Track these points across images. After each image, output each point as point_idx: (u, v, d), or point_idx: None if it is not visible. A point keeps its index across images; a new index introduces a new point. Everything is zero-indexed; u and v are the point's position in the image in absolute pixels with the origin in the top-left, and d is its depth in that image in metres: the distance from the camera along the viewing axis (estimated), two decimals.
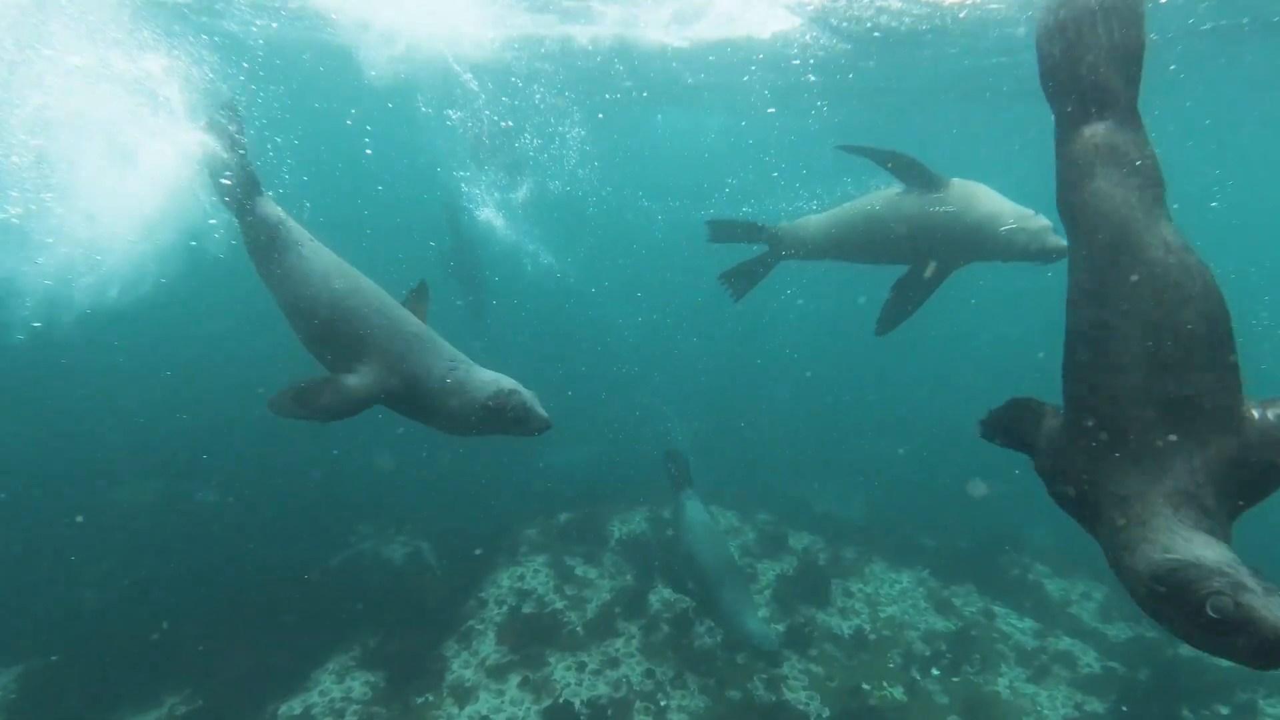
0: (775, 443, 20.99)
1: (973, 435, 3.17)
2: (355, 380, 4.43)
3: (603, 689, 8.92)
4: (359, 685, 8.94)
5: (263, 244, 5.02)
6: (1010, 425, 2.93)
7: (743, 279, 7.25)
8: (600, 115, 19.89)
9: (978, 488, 12.22)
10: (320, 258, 5.00)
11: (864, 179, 7.13)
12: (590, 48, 14.48)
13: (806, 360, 29.82)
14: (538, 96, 16.68)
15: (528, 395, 4.45)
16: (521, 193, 19.78)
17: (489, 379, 4.55)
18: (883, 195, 6.33)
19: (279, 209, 5.27)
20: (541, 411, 4.40)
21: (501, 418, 4.41)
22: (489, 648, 9.52)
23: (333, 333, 4.69)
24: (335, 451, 15.25)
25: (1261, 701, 9.33)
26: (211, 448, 15.85)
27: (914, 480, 19.44)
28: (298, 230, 5.14)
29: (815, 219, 6.94)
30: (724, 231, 7.16)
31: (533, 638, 9.68)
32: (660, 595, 10.95)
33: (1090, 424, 2.42)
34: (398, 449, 17.94)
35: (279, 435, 17.69)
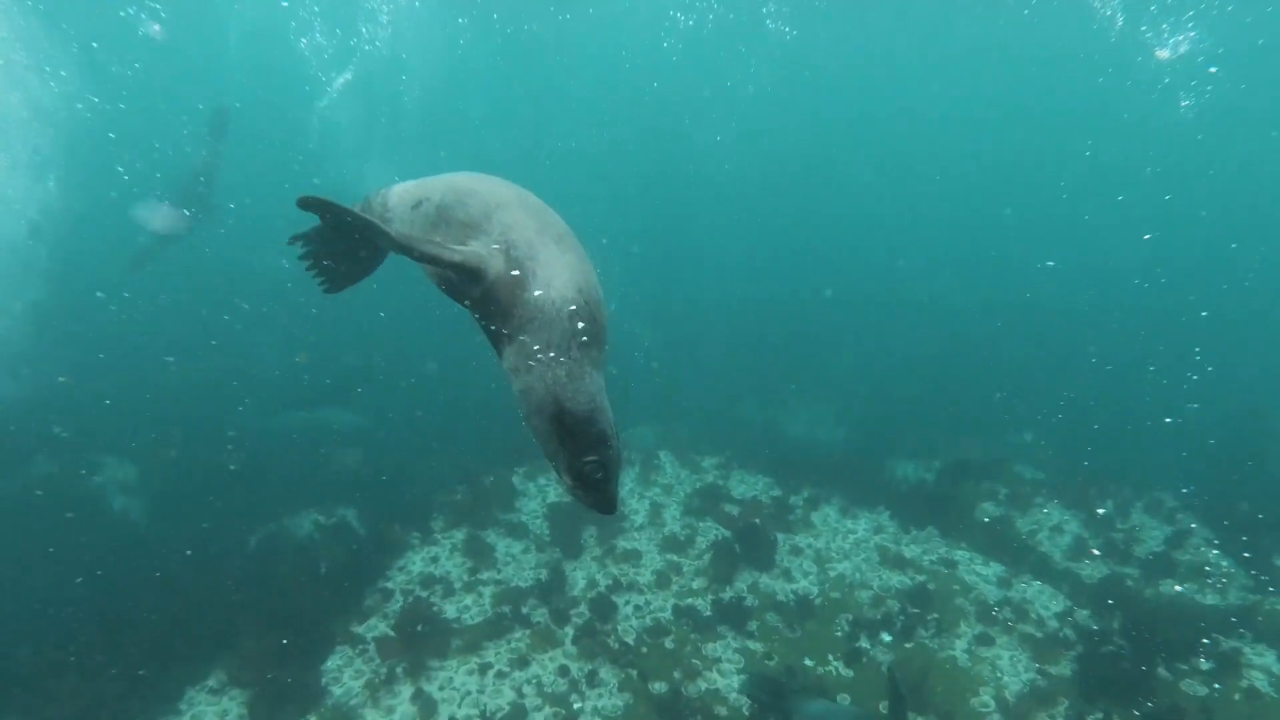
0: (741, 364, 19.75)
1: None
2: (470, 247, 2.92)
3: (507, 695, 7.90)
4: (235, 706, 7.91)
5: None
6: None
7: None
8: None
9: None
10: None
11: None
12: None
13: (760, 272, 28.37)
14: None
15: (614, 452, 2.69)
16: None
17: (594, 389, 2.75)
18: None
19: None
20: (614, 486, 2.68)
21: (570, 442, 2.67)
22: (385, 652, 8.45)
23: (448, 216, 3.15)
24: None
25: (1247, 649, 8.38)
26: (125, 415, 14.59)
27: (899, 393, 18.49)
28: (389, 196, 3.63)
29: None
30: None
31: (434, 637, 8.62)
32: (585, 573, 9.88)
33: None
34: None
35: (207, 400, 16.43)
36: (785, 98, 32.57)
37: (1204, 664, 8.10)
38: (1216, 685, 7.88)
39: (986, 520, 11.34)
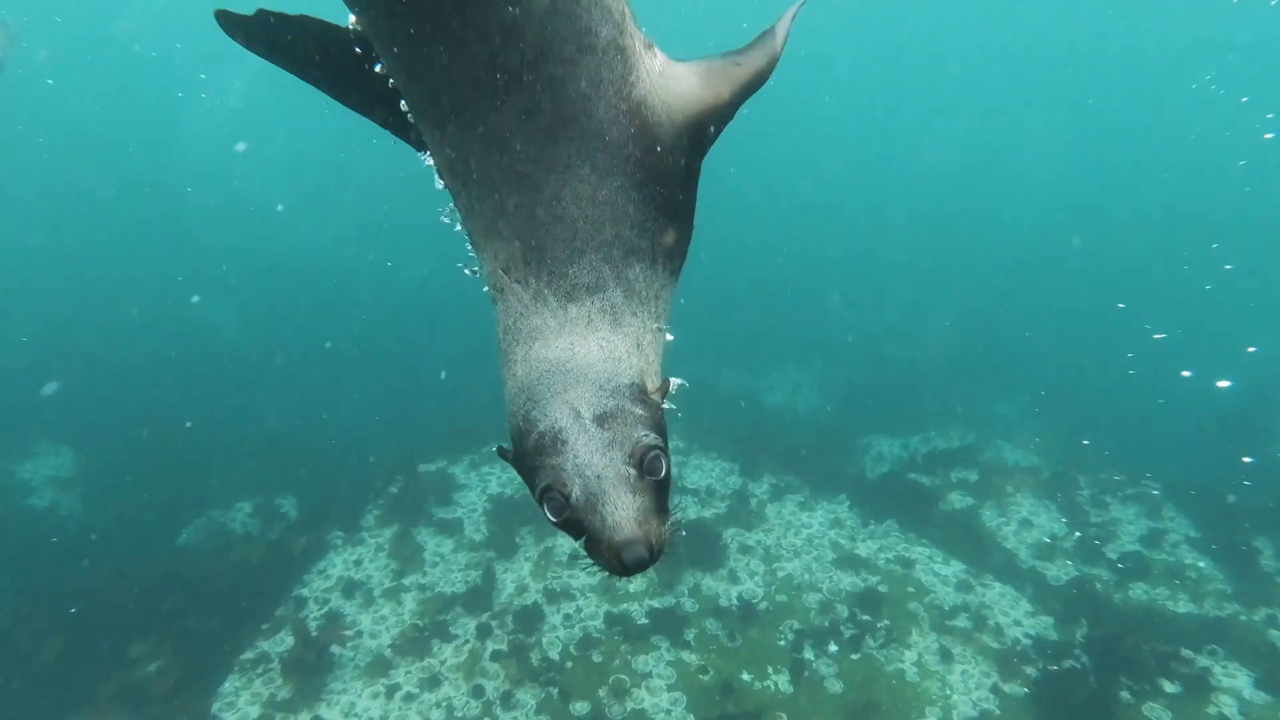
0: (723, 328, 18.89)
1: None
2: None
3: None
4: None
5: None
6: None
7: None
8: None
9: None
10: None
11: None
12: None
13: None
14: None
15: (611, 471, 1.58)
16: None
17: (556, 356, 1.77)
18: None
19: None
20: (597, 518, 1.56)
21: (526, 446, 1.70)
22: (287, 672, 7.86)
23: None
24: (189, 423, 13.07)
25: (1218, 669, 7.72)
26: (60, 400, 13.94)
27: (888, 358, 17.76)
28: None
29: None
30: None
31: (342, 654, 8.03)
32: (516, 576, 9.25)
33: None
34: (285, 386, 16.02)
35: (144, 385, 15.70)
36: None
37: (1169, 686, 7.46)
38: (1181, 711, 7.25)
39: (952, 511, 10.64)
